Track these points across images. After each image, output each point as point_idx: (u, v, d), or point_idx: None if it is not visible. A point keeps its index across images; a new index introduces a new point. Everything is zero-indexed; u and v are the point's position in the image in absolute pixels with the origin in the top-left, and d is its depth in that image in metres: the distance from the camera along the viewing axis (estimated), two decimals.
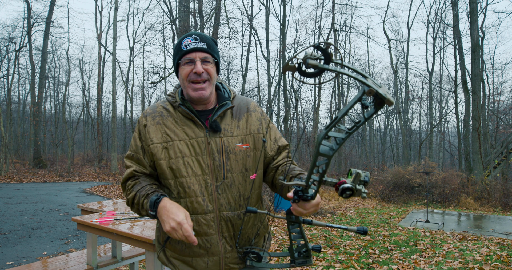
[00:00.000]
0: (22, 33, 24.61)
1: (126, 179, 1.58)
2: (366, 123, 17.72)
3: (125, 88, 27.18)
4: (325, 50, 0.84)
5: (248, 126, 1.58)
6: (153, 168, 1.56)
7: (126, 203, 1.57)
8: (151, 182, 1.54)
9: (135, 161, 1.56)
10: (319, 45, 0.85)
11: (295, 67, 0.88)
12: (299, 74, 0.90)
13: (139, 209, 1.50)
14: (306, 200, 1.15)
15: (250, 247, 1.49)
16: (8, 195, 11.40)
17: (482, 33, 19.67)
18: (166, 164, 1.49)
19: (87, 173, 21.08)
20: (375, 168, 24.47)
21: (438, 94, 28.74)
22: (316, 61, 0.84)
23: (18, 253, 5.30)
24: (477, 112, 13.88)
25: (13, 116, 28.79)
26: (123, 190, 1.60)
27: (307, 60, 0.84)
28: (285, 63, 0.88)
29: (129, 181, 1.56)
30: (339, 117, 0.90)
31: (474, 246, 5.86)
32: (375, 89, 0.84)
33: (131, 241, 2.45)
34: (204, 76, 1.48)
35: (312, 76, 0.89)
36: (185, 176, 1.47)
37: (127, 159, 1.60)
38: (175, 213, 1.32)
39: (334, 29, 20.76)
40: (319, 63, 0.84)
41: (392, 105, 0.85)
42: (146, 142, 1.53)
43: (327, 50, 0.85)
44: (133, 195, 1.50)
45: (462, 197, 11.81)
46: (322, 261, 4.96)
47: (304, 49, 0.87)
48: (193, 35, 1.51)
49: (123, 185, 1.59)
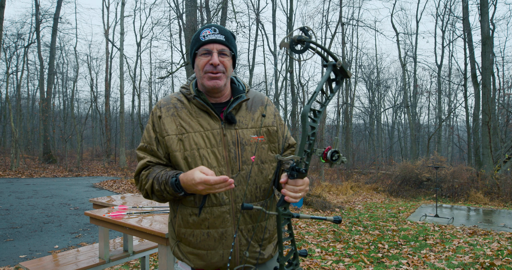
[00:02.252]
0: (30, 29, 24.80)
1: (140, 170, 1.56)
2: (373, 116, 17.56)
3: (133, 83, 27.29)
4: (307, 32, 1.16)
5: (263, 119, 1.60)
6: (168, 159, 1.55)
7: (144, 195, 1.55)
8: (164, 168, 1.53)
9: (148, 153, 1.55)
10: (303, 27, 1.17)
11: (288, 44, 1.14)
12: (290, 50, 1.15)
13: (162, 195, 1.47)
14: (302, 174, 1.23)
15: (243, 265, 1.48)
16: (20, 189, 11.55)
17: (493, 25, 19.36)
18: (181, 156, 1.48)
19: (96, 168, 21.27)
20: (383, 162, 24.35)
21: (447, 87, 28.41)
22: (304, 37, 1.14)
23: (30, 247, 5.37)
24: (487, 105, 13.70)
25: (23, 112, 29.07)
26: (137, 183, 1.58)
27: (297, 37, 1.13)
28: (281, 40, 1.14)
29: (143, 172, 1.55)
30: (316, 91, 1.19)
31: (485, 241, 5.82)
32: (341, 62, 1.19)
33: (144, 235, 2.46)
34: (219, 69, 1.48)
35: (300, 52, 1.16)
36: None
37: (140, 151, 1.58)
38: (191, 178, 1.33)
39: (342, 22, 20.56)
40: (305, 39, 1.14)
41: (350, 77, 1.24)
42: (161, 134, 1.52)
43: (308, 32, 1.16)
44: (150, 183, 1.48)
45: (472, 191, 11.70)
46: (331, 256, 4.97)
47: (294, 30, 1.16)
48: (212, 26, 1.51)
49: (136, 177, 1.57)
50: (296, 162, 1.23)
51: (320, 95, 1.25)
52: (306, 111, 1.18)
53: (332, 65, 1.22)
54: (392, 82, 32.38)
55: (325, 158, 1.21)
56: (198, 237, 1.49)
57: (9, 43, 25.00)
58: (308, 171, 1.25)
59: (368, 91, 29.29)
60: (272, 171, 1.59)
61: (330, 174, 18.01)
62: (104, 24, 26.66)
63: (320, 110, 1.23)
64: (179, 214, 1.52)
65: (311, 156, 1.21)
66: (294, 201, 1.28)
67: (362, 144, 31.97)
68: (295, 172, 1.23)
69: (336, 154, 1.21)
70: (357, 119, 32.73)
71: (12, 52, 26.02)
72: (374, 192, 13.69)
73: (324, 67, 1.23)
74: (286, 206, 1.28)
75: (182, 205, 1.51)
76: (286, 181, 1.28)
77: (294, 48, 1.15)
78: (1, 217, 7.34)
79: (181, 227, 1.52)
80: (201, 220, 1.47)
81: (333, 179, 15.98)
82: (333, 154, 1.21)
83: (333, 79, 1.26)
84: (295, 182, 1.26)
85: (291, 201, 1.27)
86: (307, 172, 1.24)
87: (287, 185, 1.28)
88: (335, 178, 16.35)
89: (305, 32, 1.17)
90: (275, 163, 1.61)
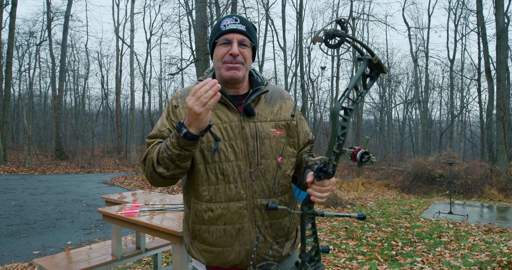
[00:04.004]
0: (42, 28, 25.13)
1: (148, 151, 1.42)
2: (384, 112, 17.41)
3: (143, 80, 27.43)
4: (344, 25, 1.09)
5: (282, 113, 1.55)
6: None
7: (150, 171, 1.38)
8: None
9: (159, 138, 1.47)
10: (340, 20, 1.10)
11: (322, 38, 1.07)
12: (325, 45, 1.09)
13: (168, 157, 1.31)
14: (329, 175, 1.19)
15: (266, 262, 1.44)
16: (33, 186, 11.70)
17: (507, 18, 18.95)
18: (197, 148, 1.42)
19: (107, 164, 21.46)
20: (394, 158, 24.10)
21: (459, 82, 27.99)
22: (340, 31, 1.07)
23: (43, 243, 5.42)
24: (502, 100, 13.44)
25: (35, 109, 29.45)
26: (143, 169, 1.43)
27: (333, 31, 1.06)
28: (315, 34, 1.07)
29: (149, 150, 1.42)
30: (349, 88, 1.11)
31: (501, 239, 5.70)
32: (378, 58, 1.12)
33: (157, 233, 2.44)
34: (239, 59, 1.43)
35: (334, 47, 1.09)
36: (217, 161, 1.41)
37: (150, 138, 1.48)
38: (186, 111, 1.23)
39: (352, 17, 20.34)
40: (342, 33, 1.06)
41: (387, 72, 1.17)
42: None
43: (345, 24, 1.09)
44: (157, 151, 1.36)
45: (486, 188, 11.50)
46: (344, 253, 4.91)
47: (329, 23, 1.11)
48: (233, 16, 1.47)
49: (144, 161, 1.43)
50: (323, 163, 1.18)
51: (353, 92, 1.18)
52: (337, 110, 1.10)
53: (368, 60, 1.15)
54: (403, 77, 32.03)
55: (354, 159, 1.16)
56: (214, 233, 1.44)
57: (21, 41, 25.36)
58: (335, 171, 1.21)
59: (379, 86, 28.99)
60: (291, 166, 1.54)
61: (340, 170, 17.89)
62: (114, 21, 26.83)
63: (352, 107, 1.15)
64: (192, 210, 1.48)
65: (339, 157, 1.16)
66: (320, 201, 1.23)
67: (372, 140, 31.72)
68: (322, 173, 1.18)
69: (366, 155, 1.16)
70: (368, 114, 32.49)
71: (24, 50, 26.38)
72: (386, 188, 13.55)
73: (359, 60, 1.17)
74: (311, 206, 1.24)
75: (196, 201, 1.46)
76: (312, 181, 1.23)
77: (328, 43, 1.08)
78: (15, 213, 7.44)
79: (196, 223, 1.47)
80: (217, 216, 1.42)
81: (344, 175, 15.87)
82: (363, 156, 1.16)
83: (368, 74, 1.19)
84: (322, 183, 1.22)
85: (317, 201, 1.23)
86: (335, 172, 1.20)
87: (313, 185, 1.23)
88: (346, 174, 16.23)
89: (341, 25, 1.10)
90: (294, 159, 1.56)
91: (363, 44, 1.14)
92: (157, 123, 1.54)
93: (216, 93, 1.20)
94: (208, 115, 1.22)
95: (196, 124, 1.23)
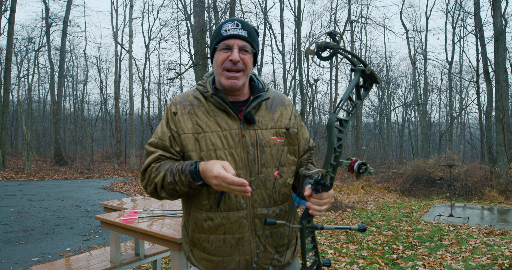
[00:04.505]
0: (40, 33, 25.16)
1: (149, 163, 1.43)
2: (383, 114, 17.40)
3: (142, 85, 27.42)
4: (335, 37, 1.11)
5: (283, 120, 1.52)
6: (182, 157, 1.45)
7: (151, 190, 1.41)
8: (178, 161, 1.42)
9: (160, 148, 1.45)
10: (331, 32, 1.11)
11: (314, 51, 1.07)
12: (317, 57, 1.08)
13: (175, 188, 1.35)
14: (327, 187, 1.17)
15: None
16: (31, 192, 11.65)
17: (505, 20, 19.01)
18: (197, 156, 1.40)
19: (106, 169, 21.42)
20: (393, 161, 24.08)
21: (458, 85, 28.03)
22: (332, 43, 1.07)
23: (42, 250, 5.38)
24: (501, 102, 13.45)
25: (34, 115, 29.43)
26: (143, 179, 1.44)
27: (324, 43, 1.06)
28: (307, 47, 1.08)
29: (153, 164, 1.42)
30: (344, 99, 1.11)
31: (502, 241, 5.68)
32: (371, 68, 1.12)
33: (156, 239, 2.42)
34: (239, 66, 1.40)
35: (326, 60, 1.09)
36: None
37: (151, 146, 1.46)
38: (210, 169, 1.22)
39: (351, 20, 20.40)
40: (333, 45, 1.07)
41: (380, 82, 1.17)
42: (177, 131, 1.43)
43: (336, 37, 1.11)
44: (162, 176, 1.35)
45: (486, 190, 11.49)
46: (345, 257, 4.88)
47: (321, 35, 1.14)
48: (235, 20, 1.43)
49: (144, 172, 1.43)
50: (321, 176, 1.16)
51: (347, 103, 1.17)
52: (333, 122, 1.09)
53: (361, 71, 1.14)
54: (402, 80, 32.10)
55: (352, 170, 1.15)
56: (213, 243, 1.42)
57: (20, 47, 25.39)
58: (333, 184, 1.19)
59: (378, 89, 29.03)
60: (291, 174, 1.52)
61: (340, 174, 17.84)
62: (113, 26, 26.91)
63: (347, 119, 1.14)
64: (192, 218, 1.46)
65: (336, 168, 1.14)
66: (319, 214, 1.22)
67: (372, 143, 31.71)
68: (320, 186, 1.17)
69: (364, 166, 1.15)
70: (367, 117, 32.51)
71: (23, 56, 26.42)
72: (386, 191, 13.53)
73: (352, 71, 1.17)
74: (310, 219, 1.22)
75: (196, 210, 1.44)
76: (311, 194, 1.21)
77: (320, 55, 1.08)
78: (14, 219, 7.39)
79: (195, 232, 1.45)
80: (217, 226, 1.40)
81: (343, 179, 15.84)
82: (360, 167, 1.15)
83: (361, 85, 1.19)
84: (320, 196, 1.20)
85: (316, 215, 1.21)
86: (332, 185, 1.18)
87: (311, 199, 1.21)
88: (345, 178, 16.20)
89: (332, 37, 1.11)
90: (294, 167, 1.54)
91: (355, 55, 1.15)
92: (157, 129, 1.51)
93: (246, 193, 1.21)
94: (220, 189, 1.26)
95: (208, 182, 1.27)
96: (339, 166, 1.15)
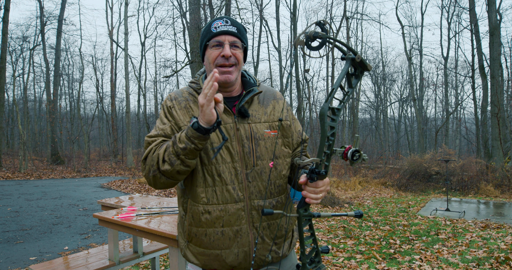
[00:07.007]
0: (35, 32, 24.97)
1: (151, 148, 1.39)
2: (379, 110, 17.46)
3: (138, 83, 27.35)
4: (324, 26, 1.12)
5: (275, 113, 1.56)
6: None
7: (153, 167, 1.34)
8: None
9: (161, 136, 1.44)
10: (320, 22, 1.12)
11: (304, 41, 1.09)
12: (307, 48, 1.10)
13: (179, 156, 1.29)
14: (322, 176, 1.19)
15: (267, 267, 1.45)
16: (28, 191, 11.62)
17: (499, 15, 19.06)
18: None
19: (103, 168, 21.38)
20: (390, 156, 24.17)
21: (453, 80, 28.11)
22: (321, 33, 1.09)
23: (40, 249, 5.38)
24: (496, 97, 13.52)
25: (30, 114, 29.29)
26: (143, 168, 1.39)
27: (313, 33, 1.08)
28: (296, 38, 1.09)
29: (153, 147, 1.39)
30: (335, 88, 1.13)
31: (498, 235, 5.73)
32: (361, 56, 1.13)
33: (154, 236, 2.43)
34: (232, 61, 1.44)
35: (316, 49, 1.11)
36: (214, 163, 1.41)
37: (151, 137, 1.44)
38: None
39: (346, 16, 20.37)
40: (322, 35, 1.08)
41: (371, 70, 1.17)
42: (177, 123, 1.45)
43: (325, 26, 1.12)
44: (164, 148, 1.33)
45: (482, 184, 11.56)
46: (342, 252, 4.91)
47: (309, 26, 1.11)
48: (224, 18, 1.48)
49: (144, 160, 1.39)
50: (315, 164, 1.19)
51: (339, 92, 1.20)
52: (325, 111, 1.12)
53: (351, 59, 1.16)
54: (398, 76, 32.15)
55: (346, 158, 1.18)
56: (211, 236, 1.43)
57: (14, 46, 25.21)
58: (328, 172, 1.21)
59: (374, 85, 29.08)
60: (286, 166, 1.55)
61: (337, 170, 17.91)
62: (108, 24, 26.72)
63: (339, 107, 1.17)
64: (189, 212, 1.47)
65: (331, 157, 1.17)
66: (315, 202, 1.24)
67: (368, 139, 31.77)
68: (315, 174, 1.19)
69: (357, 153, 1.18)
70: (363, 113, 32.57)
71: (18, 54, 26.24)
72: (383, 186, 13.59)
73: (343, 60, 1.17)
74: (306, 208, 1.24)
75: (193, 203, 1.45)
76: (306, 182, 1.24)
77: (310, 46, 1.10)
78: (11, 219, 7.38)
79: (193, 226, 1.46)
80: (215, 218, 1.41)
81: (340, 174, 15.90)
82: (353, 154, 1.18)
83: (352, 73, 1.21)
84: (316, 184, 1.23)
85: (313, 203, 1.23)
86: (327, 173, 1.20)
87: (307, 187, 1.24)
88: (343, 174, 16.26)
89: (321, 27, 1.12)
90: (289, 159, 1.57)
91: (345, 44, 1.16)
92: (155, 125, 1.52)
93: (214, 81, 1.21)
94: (209, 107, 1.22)
95: (201, 116, 1.25)
96: (333, 154, 1.17)
